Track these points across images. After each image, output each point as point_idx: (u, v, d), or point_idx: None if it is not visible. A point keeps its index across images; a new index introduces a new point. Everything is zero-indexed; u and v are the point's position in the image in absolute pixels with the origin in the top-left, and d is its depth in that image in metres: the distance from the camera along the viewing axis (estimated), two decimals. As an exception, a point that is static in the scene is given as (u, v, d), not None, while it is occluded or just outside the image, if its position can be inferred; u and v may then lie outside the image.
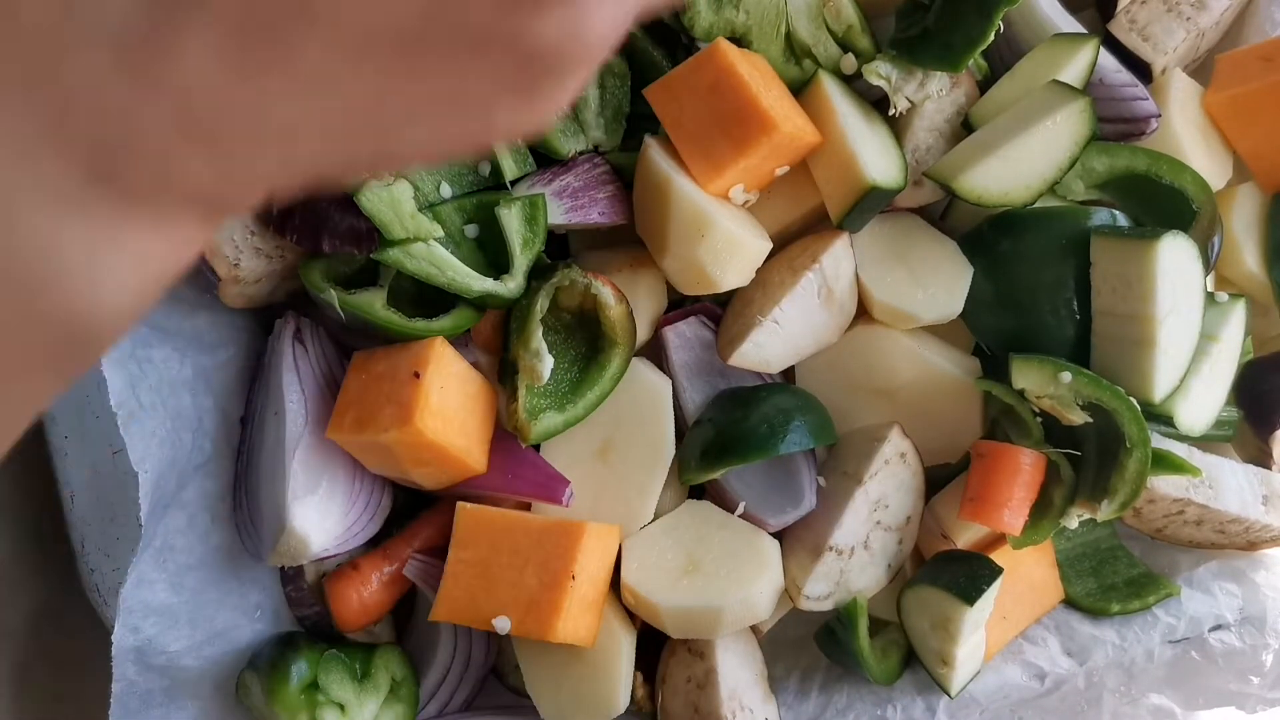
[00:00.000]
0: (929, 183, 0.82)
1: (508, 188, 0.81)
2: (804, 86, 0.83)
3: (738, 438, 0.78)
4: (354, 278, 0.78)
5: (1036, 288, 0.80)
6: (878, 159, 0.79)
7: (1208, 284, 0.82)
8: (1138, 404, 0.75)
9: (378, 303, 0.75)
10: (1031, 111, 0.79)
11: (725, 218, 0.77)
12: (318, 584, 0.83)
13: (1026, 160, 0.78)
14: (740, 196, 0.80)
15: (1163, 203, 0.82)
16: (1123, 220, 0.81)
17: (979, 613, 0.78)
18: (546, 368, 0.77)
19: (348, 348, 0.82)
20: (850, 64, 0.83)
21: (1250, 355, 0.89)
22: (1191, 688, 0.83)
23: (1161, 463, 0.78)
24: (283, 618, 0.84)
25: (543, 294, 0.78)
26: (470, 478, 0.80)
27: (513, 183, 0.81)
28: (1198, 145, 0.86)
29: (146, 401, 0.73)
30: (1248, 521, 0.84)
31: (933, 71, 0.81)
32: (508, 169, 0.80)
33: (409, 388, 0.74)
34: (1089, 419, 0.76)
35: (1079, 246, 0.79)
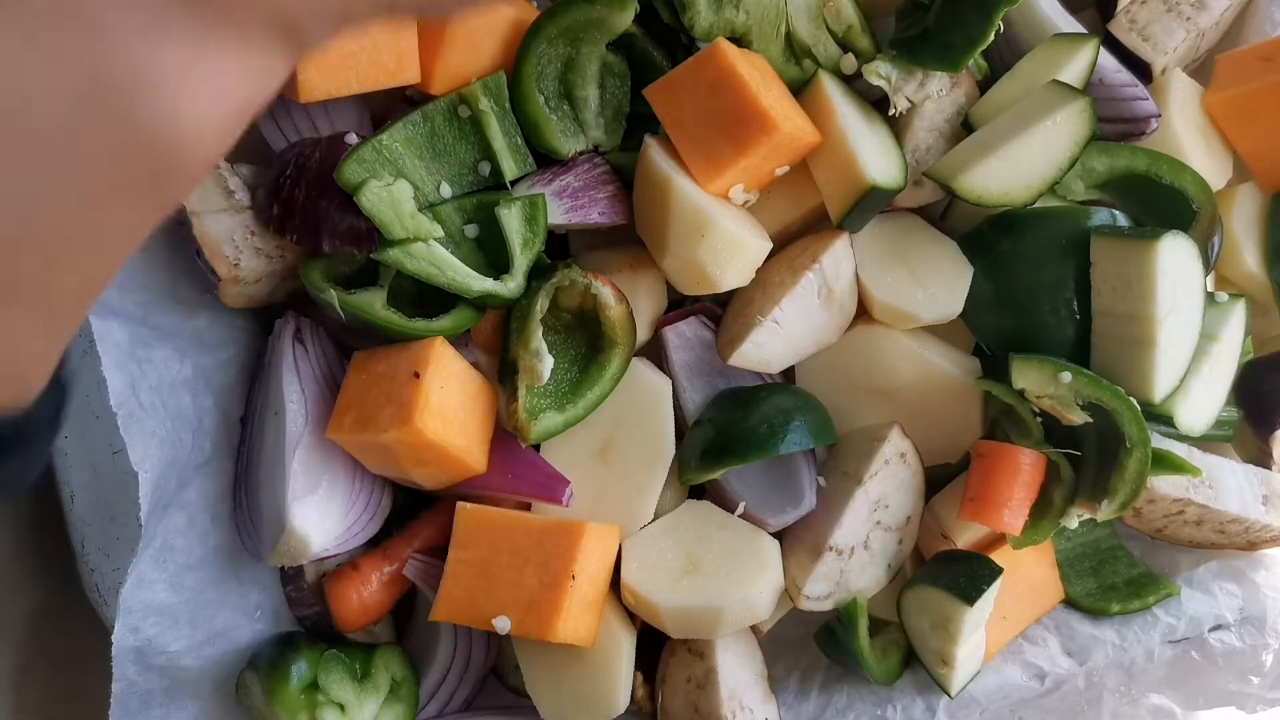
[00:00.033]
0: (929, 183, 0.82)
1: (508, 188, 0.81)
2: (804, 86, 0.83)
3: (738, 438, 0.78)
4: (354, 278, 0.78)
5: (1036, 288, 0.80)
6: (878, 159, 0.79)
7: (1208, 284, 0.83)
8: (1138, 404, 0.75)
9: (378, 303, 0.75)
10: (1031, 111, 0.79)
11: (725, 218, 0.77)
12: (318, 584, 0.83)
13: (1026, 160, 0.78)
14: (740, 196, 0.80)
15: (1163, 203, 0.82)
16: (1123, 220, 0.81)
17: (979, 613, 0.78)
18: (546, 368, 0.77)
19: (348, 348, 0.82)
20: (850, 64, 0.83)
21: (1250, 355, 0.89)
22: (1191, 688, 0.83)
23: (1161, 463, 0.79)
24: (283, 618, 0.84)
25: (543, 294, 0.78)
26: (470, 478, 0.80)
27: (513, 183, 0.81)
28: (1198, 145, 0.86)
29: (146, 401, 0.73)
30: (1248, 521, 0.84)
31: (933, 71, 0.81)
32: (508, 169, 0.80)
33: (409, 388, 0.74)
34: (1089, 419, 0.76)
35: (1079, 246, 0.79)
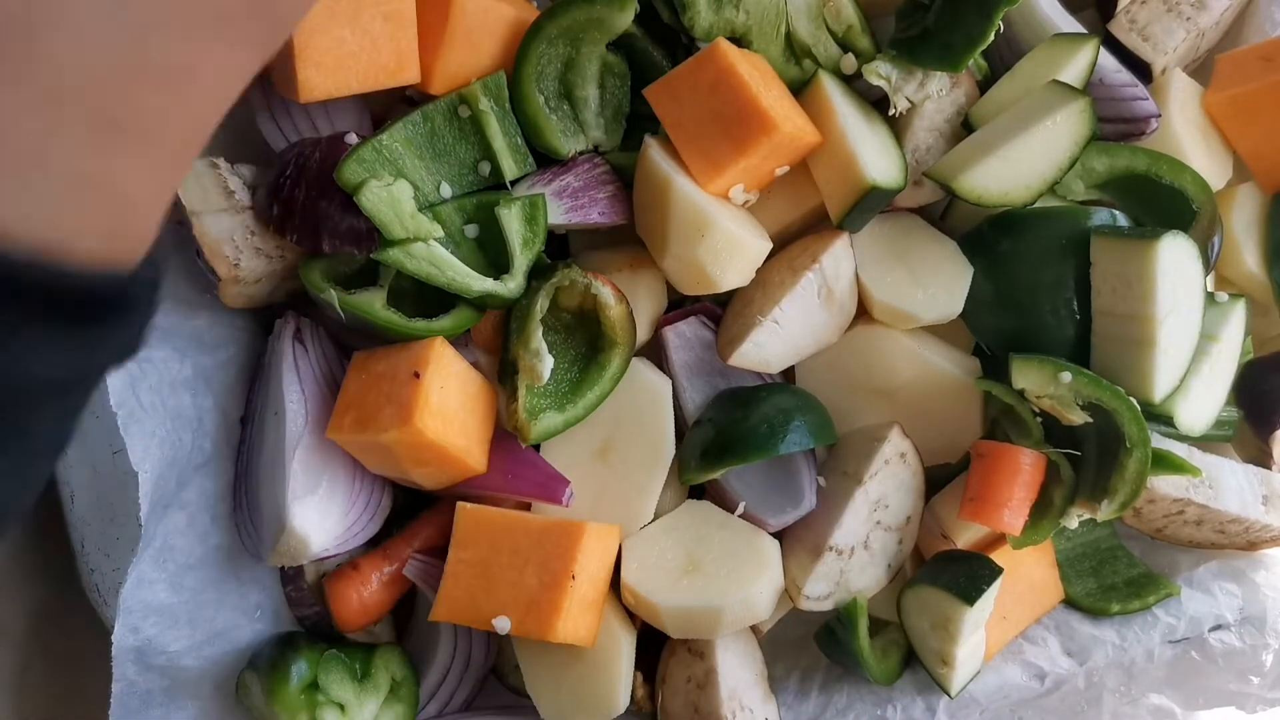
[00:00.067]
0: (929, 183, 0.82)
1: (508, 188, 0.81)
2: (804, 86, 0.83)
3: (738, 438, 0.78)
4: (354, 278, 0.78)
5: (1036, 288, 0.80)
6: (878, 159, 0.79)
7: (1208, 284, 0.82)
8: (1138, 404, 0.75)
9: (378, 303, 0.75)
10: (1031, 111, 0.79)
11: (725, 218, 0.77)
12: (318, 584, 0.83)
13: (1026, 160, 0.78)
14: (740, 196, 0.80)
15: (1163, 203, 0.82)
16: (1123, 220, 0.81)
17: (979, 613, 0.78)
18: (546, 368, 0.77)
19: (348, 348, 0.82)
20: (850, 64, 0.83)
21: (1250, 355, 0.89)
22: (1191, 688, 0.83)
23: (1161, 463, 0.79)
24: (283, 618, 0.84)
25: (543, 294, 0.78)
26: (470, 478, 0.80)
27: (513, 183, 0.81)
28: (1198, 145, 0.86)
29: (146, 401, 0.73)
30: (1248, 521, 0.84)
31: (933, 71, 0.81)
32: (508, 169, 0.80)
33: (409, 388, 0.74)
34: (1089, 419, 0.76)
35: (1079, 246, 0.79)
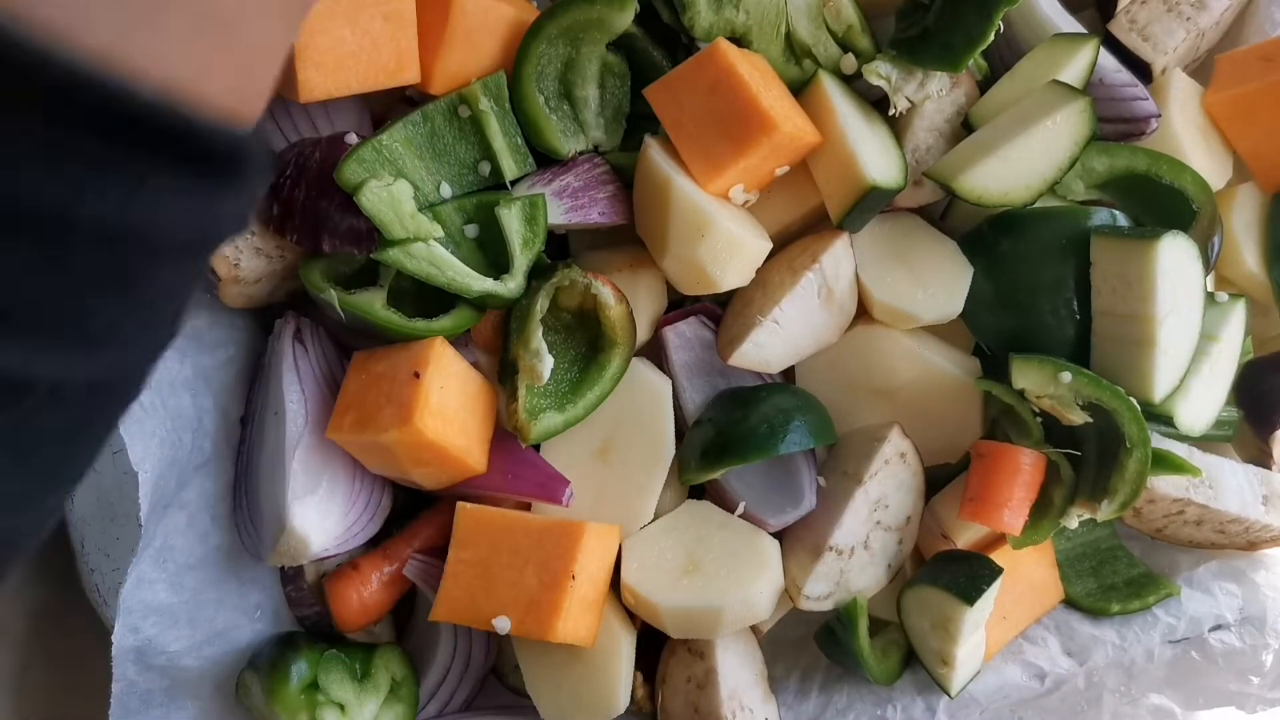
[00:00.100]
0: (929, 183, 0.82)
1: (508, 188, 0.81)
2: (804, 86, 0.83)
3: (738, 438, 0.78)
4: (354, 278, 0.78)
5: (1036, 288, 0.80)
6: (878, 159, 0.79)
7: (1208, 284, 0.82)
8: (1138, 404, 0.75)
9: (378, 303, 0.75)
10: (1031, 111, 0.79)
11: (725, 218, 0.77)
12: (318, 584, 0.83)
13: (1026, 160, 0.78)
14: (740, 196, 0.80)
15: (1163, 203, 0.82)
16: (1123, 220, 0.81)
17: (979, 613, 0.78)
18: (546, 368, 0.77)
19: (348, 348, 0.82)
20: (850, 64, 0.83)
21: (1250, 355, 0.89)
22: (1191, 688, 0.83)
23: (1161, 463, 0.78)
24: (283, 618, 0.84)
25: (543, 294, 0.78)
26: (470, 478, 0.80)
27: (513, 183, 0.81)
28: (1198, 145, 0.86)
29: (146, 401, 0.73)
30: (1248, 521, 0.84)
31: (933, 71, 0.81)
32: (508, 169, 0.80)
33: (409, 388, 0.74)
34: (1089, 419, 0.76)
35: (1079, 246, 0.79)
